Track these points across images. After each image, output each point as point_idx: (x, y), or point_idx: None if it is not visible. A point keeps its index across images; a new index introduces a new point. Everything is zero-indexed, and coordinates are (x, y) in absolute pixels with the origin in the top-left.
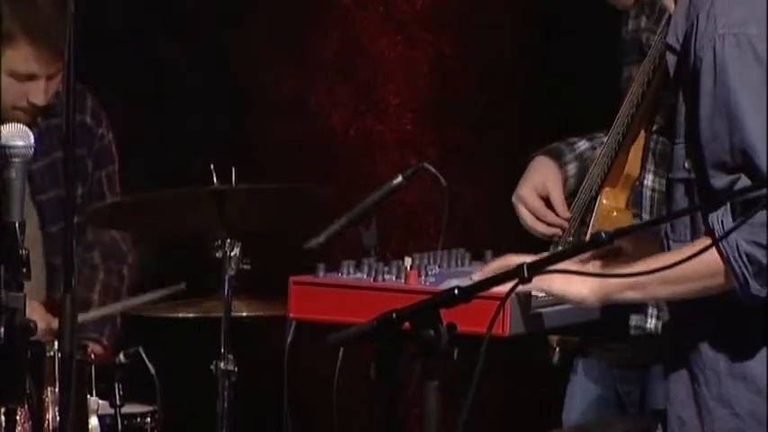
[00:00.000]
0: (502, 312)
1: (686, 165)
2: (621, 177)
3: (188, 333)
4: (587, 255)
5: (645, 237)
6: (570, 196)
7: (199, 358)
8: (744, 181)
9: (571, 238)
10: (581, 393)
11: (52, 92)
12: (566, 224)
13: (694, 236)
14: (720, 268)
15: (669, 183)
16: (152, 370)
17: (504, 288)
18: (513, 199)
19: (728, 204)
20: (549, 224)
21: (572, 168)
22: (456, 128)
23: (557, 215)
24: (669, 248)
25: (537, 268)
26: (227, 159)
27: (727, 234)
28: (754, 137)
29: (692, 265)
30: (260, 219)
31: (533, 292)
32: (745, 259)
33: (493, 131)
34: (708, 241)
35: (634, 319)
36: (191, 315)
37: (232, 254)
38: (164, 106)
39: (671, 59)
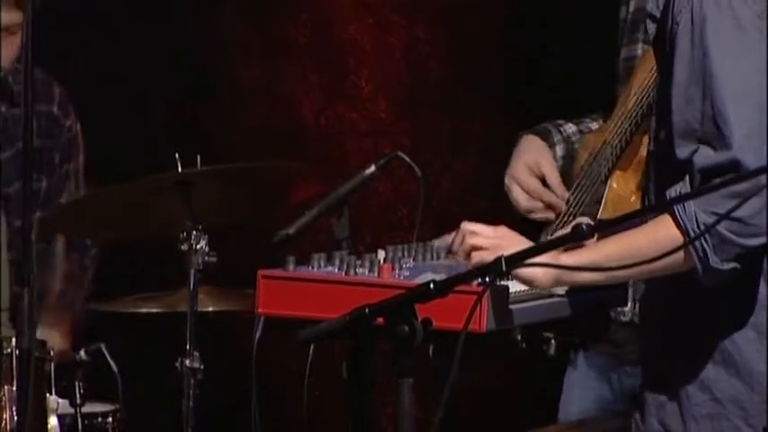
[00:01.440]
0: (479, 308)
1: (661, 135)
2: (634, 161)
3: (152, 329)
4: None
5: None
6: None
7: (163, 355)
8: (704, 151)
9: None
10: (579, 390)
11: (10, 54)
12: (563, 206)
13: None
14: (680, 243)
15: (647, 156)
16: (114, 367)
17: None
18: (507, 179)
19: (687, 177)
20: (546, 205)
21: (560, 150)
22: (431, 115)
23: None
24: None
25: (515, 261)
26: (192, 148)
27: (680, 200)
28: (727, 104)
29: (652, 242)
30: (227, 209)
31: (511, 288)
32: (703, 230)
33: (470, 119)
34: (667, 217)
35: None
36: (154, 310)
37: (198, 246)
38: (126, 92)
39: (651, 28)
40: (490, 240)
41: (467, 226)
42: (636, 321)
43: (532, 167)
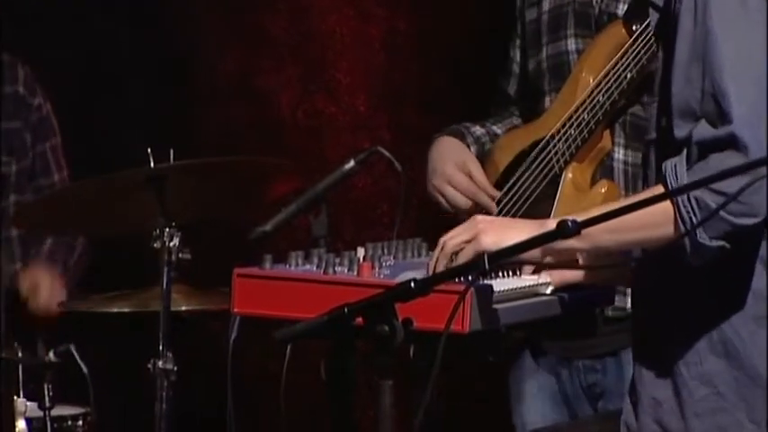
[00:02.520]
0: (461, 307)
1: (663, 122)
2: (592, 153)
3: (123, 329)
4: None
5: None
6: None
7: (135, 356)
8: (703, 126)
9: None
10: (534, 391)
11: None
12: (494, 206)
13: None
14: (670, 216)
15: (646, 147)
16: (84, 369)
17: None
18: (437, 181)
19: (684, 151)
20: (479, 204)
21: (473, 151)
22: (412, 109)
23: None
24: None
25: (498, 258)
26: (165, 142)
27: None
28: (727, 80)
29: (640, 213)
30: (201, 205)
31: (495, 287)
32: (693, 203)
33: (451, 113)
34: (659, 188)
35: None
36: (126, 309)
37: (171, 243)
38: (99, 86)
39: (654, 17)
40: (468, 232)
41: (443, 238)
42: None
43: (461, 167)
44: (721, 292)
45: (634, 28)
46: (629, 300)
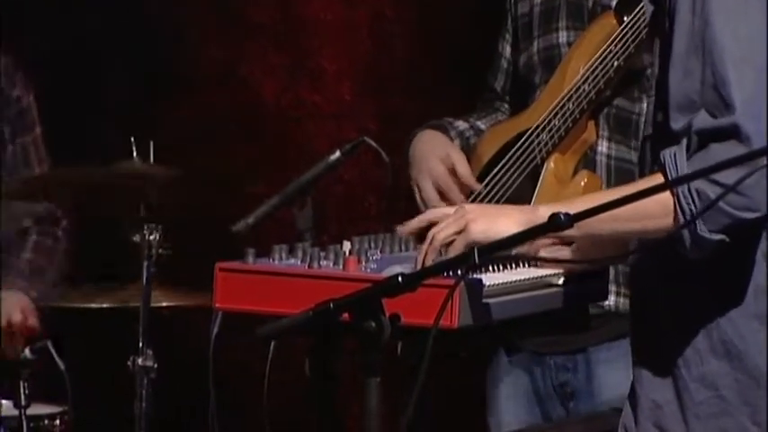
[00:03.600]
0: (450, 302)
1: (658, 117)
2: (575, 145)
3: (102, 325)
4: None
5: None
6: None
7: (114, 353)
8: (703, 116)
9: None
10: (508, 390)
11: None
12: (464, 199)
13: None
14: (668, 207)
15: (643, 142)
16: (62, 366)
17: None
18: (418, 175)
19: (684, 141)
20: (453, 200)
21: (456, 144)
22: (399, 98)
23: (463, 187)
24: None
25: (488, 252)
26: (147, 132)
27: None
28: (728, 69)
29: (638, 203)
30: (182, 199)
31: (485, 281)
32: (694, 194)
33: (439, 102)
34: (658, 177)
35: (612, 301)
36: (105, 305)
37: (152, 238)
38: (78, 74)
39: (649, 9)
40: (457, 223)
41: (431, 231)
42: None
43: (444, 161)
44: (721, 290)
45: (625, 18)
46: (609, 297)
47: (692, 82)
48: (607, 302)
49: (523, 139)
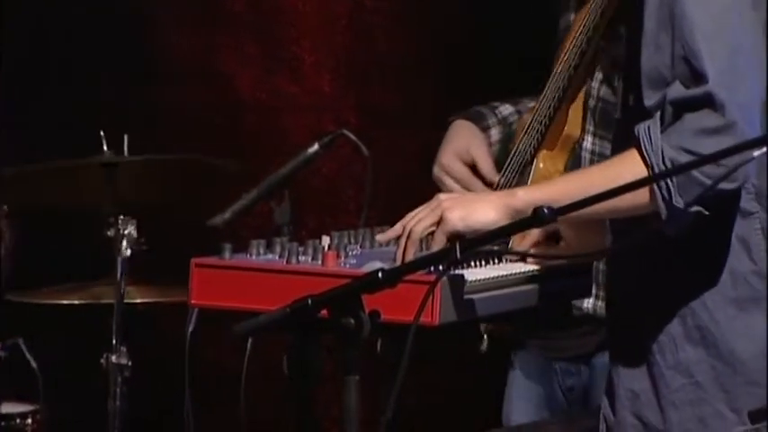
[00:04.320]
0: (431, 298)
1: (630, 101)
2: (561, 138)
3: (75, 322)
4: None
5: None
6: (497, 163)
7: (87, 351)
8: (676, 87)
9: None
10: (520, 392)
11: None
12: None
13: None
14: (644, 178)
15: (617, 126)
16: (33, 364)
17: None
18: (435, 170)
19: (657, 114)
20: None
21: (496, 133)
22: (379, 90)
23: (485, 183)
24: None
25: (470, 247)
26: (118, 125)
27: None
28: (699, 41)
29: (612, 178)
30: (156, 192)
31: (467, 277)
32: (668, 164)
33: (421, 94)
34: (633, 153)
35: (590, 303)
36: (78, 301)
37: (125, 232)
38: (48, 67)
39: None
40: (433, 214)
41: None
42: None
43: (462, 154)
44: (695, 276)
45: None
46: (588, 300)
47: (663, 57)
48: (585, 305)
49: (523, 133)
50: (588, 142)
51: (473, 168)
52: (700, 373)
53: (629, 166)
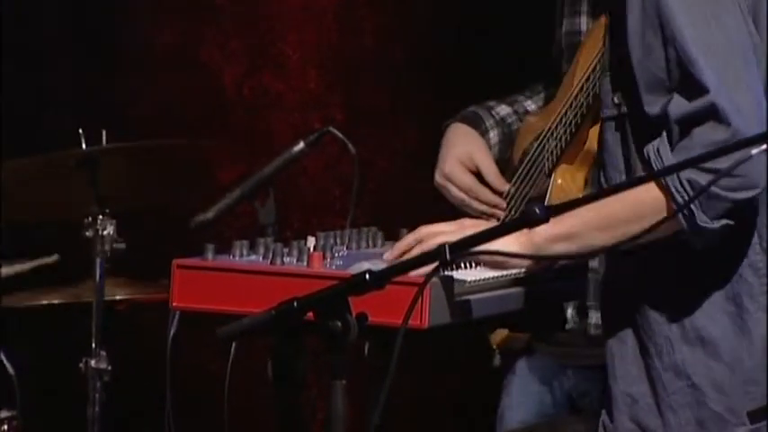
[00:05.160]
0: (420, 301)
1: (615, 99)
2: (581, 153)
3: (52, 325)
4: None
5: None
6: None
7: (65, 354)
8: (678, 100)
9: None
10: (521, 398)
11: None
12: (503, 202)
13: None
14: (662, 203)
15: (601, 125)
16: (10, 369)
17: (422, 272)
18: (438, 179)
19: (664, 132)
20: (484, 203)
21: (494, 136)
22: (367, 87)
23: (492, 190)
24: None
25: (460, 249)
26: (98, 122)
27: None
28: (691, 47)
29: (631, 205)
30: (137, 191)
31: (456, 276)
32: (687, 186)
33: (409, 91)
34: (647, 177)
35: (570, 314)
36: (56, 301)
37: (105, 232)
38: (22, 60)
39: None
40: (454, 233)
41: (426, 229)
42: (577, 329)
43: (465, 162)
44: (689, 275)
45: None
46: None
47: (656, 59)
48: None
49: (537, 143)
50: None
51: (477, 175)
52: (697, 375)
53: (645, 191)
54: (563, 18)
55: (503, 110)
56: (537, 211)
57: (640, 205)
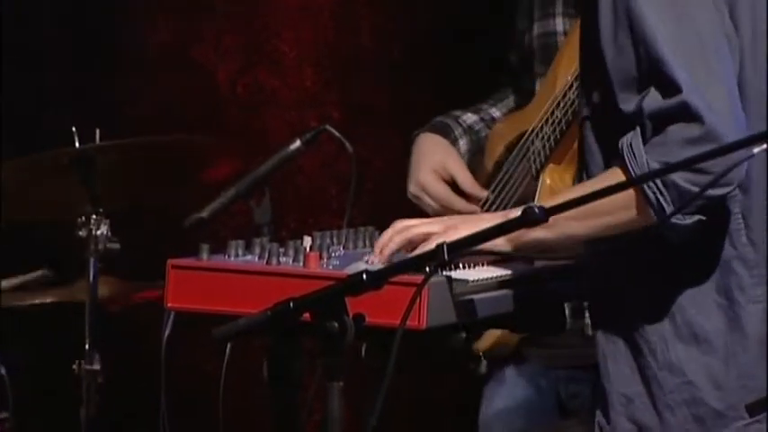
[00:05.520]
0: (418, 301)
1: (594, 98)
2: (570, 153)
3: (45, 325)
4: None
5: None
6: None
7: (58, 355)
8: (653, 96)
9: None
10: (508, 401)
11: None
12: (478, 210)
13: None
14: (635, 198)
15: (580, 126)
16: (2, 370)
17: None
18: (412, 189)
19: (638, 126)
20: (459, 212)
21: (464, 144)
22: (364, 85)
23: (468, 199)
24: None
25: (457, 248)
26: (91, 121)
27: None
28: (662, 46)
29: (607, 197)
30: (131, 190)
31: (456, 276)
32: (659, 183)
33: (406, 89)
34: (617, 170)
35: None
36: (48, 300)
37: (98, 232)
38: (16, 59)
39: None
40: (438, 225)
41: (401, 223)
42: (571, 329)
43: (439, 171)
44: (680, 271)
45: None
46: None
47: (628, 60)
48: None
49: (520, 144)
50: None
51: (452, 185)
52: (692, 372)
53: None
54: (532, 22)
55: (469, 118)
56: (536, 211)
57: (615, 198)
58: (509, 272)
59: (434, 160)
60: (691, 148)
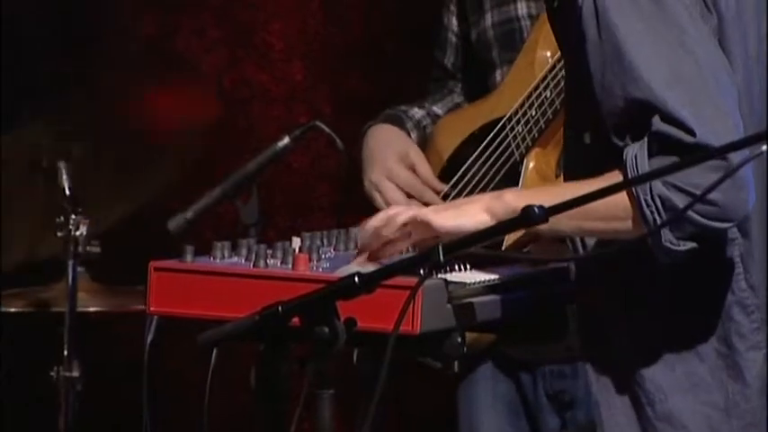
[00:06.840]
0: (412, 306)
1: (577, 123)
2: (556, 136)
3: (22, 331)
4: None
5: None
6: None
7: (36, 362)
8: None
9: None
10: (490, 401)
11: None
12: (441, 202)
13: None
14: (630, 210)
15: (566, 137)
16: None
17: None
18: (376, 176)
19: (646, 137)
20: (426, 203)
21: (415, 138)
22: (356, 79)
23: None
24: None
25: (453, 250)
26: (67, 113)
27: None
28: (655, 86)
29: (605, 204)
30: (112, 188)
31: (452, 278)
32: (658, 203)
33: (399, 83)
34: (619, 175)
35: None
36: (26, 309)
37: (77, 233)
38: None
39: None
40: (418, 212)
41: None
42: None
43: (404, 159)
44: (679, 318)
45: None
46: None
47: (615, 100)
48: None
49: (495, 131)
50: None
51: (412, 173)
52: (692, 423)
53: (623, 196)
54: (483, 13)
55: (417, 113)
56: (536, 210)
57: (614, 208)
58: (508, 274)
59: (399, 149)
60: (701, 172)
